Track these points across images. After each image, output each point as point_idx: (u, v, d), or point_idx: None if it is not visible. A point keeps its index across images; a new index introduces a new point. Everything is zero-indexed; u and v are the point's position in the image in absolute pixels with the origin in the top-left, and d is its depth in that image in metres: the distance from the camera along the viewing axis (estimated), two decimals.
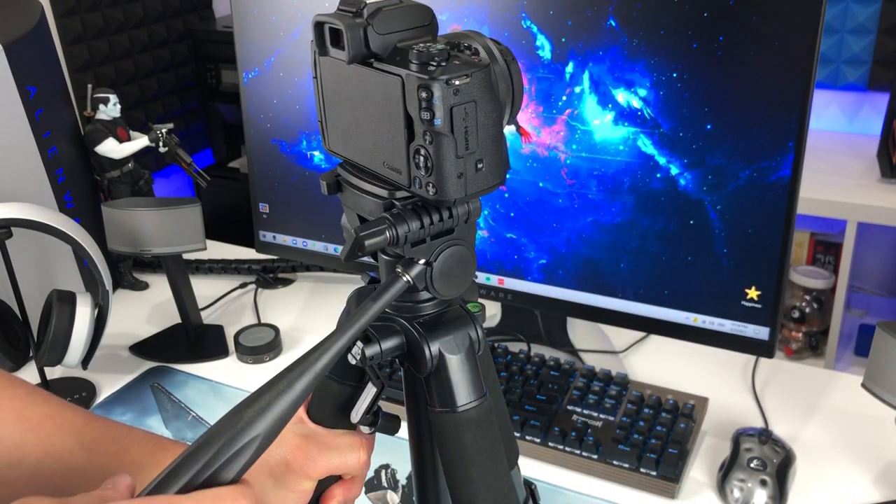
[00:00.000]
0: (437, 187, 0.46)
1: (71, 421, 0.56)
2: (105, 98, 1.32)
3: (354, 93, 0.49)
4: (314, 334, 1.28)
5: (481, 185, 0.47)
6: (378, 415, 0.58)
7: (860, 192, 1.98)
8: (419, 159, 0.46)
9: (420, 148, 0.46)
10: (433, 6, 0.50)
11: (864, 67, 2.26)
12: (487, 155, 0.46)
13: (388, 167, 0.49)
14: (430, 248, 0.50)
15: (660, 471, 0.93)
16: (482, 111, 0.45)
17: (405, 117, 0.46)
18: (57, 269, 1.26)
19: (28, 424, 0.54)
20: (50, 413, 0.56)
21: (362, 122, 0.50)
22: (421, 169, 0.46)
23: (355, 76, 0.48)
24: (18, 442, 0.53)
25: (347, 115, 0.51)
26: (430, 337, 0.52)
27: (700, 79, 0.88)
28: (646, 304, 1.00)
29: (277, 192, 1.20)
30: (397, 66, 0.45)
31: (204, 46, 2.79)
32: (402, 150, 0.47)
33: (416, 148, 0.46)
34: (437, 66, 0.44)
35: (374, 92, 0.47)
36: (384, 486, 0.97)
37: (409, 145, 0.46)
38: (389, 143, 0.48)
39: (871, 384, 0.88)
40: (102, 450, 0.55)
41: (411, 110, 0.45)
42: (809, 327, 2.25)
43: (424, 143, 0.45)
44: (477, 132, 0.45)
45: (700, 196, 0.92)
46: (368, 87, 0.48)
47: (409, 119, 0.46)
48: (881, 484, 0.94)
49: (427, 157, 0.45)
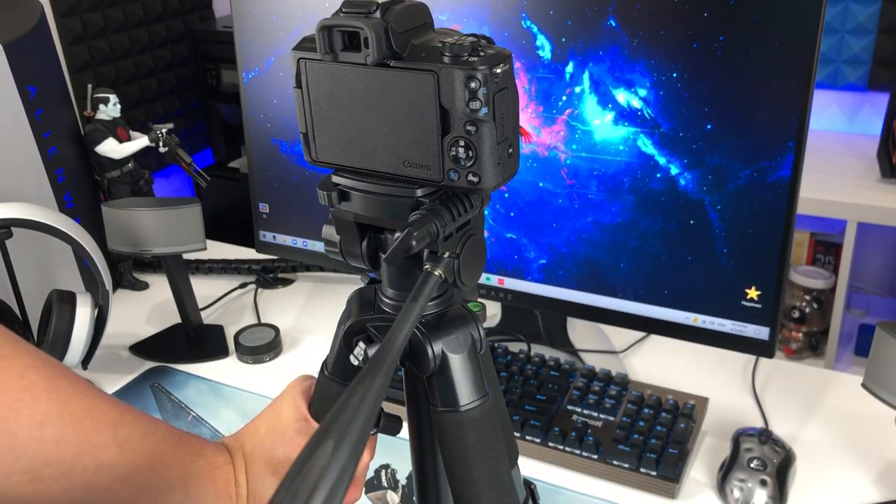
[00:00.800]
0: (479, 175, 0.47)
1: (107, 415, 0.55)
2: (105, 98, 1.32)
3: (364, 96, 0.48)
4: (314, 334, 1.28)
5: (510, 171, 0.49)
6: (380, 415, 0.58)
7: (860, 192, 1.98)
8: (458, 150, 0.46)
9: (459, 139, 0.46)
10: (434, 6, 0.50)
11: (864, 67, 2.26)
12: (514, 140, 0.48)
13: (411, 165, 0.48)
14: (455, 240, 0.50)
15: (660, 471, 0.93)
16: (512, 98, 0.47)
17: (439, 111, 0.46)
18: (57, 269, 1.26)
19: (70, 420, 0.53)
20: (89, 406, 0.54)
21: (374, 126, 0.49)
22: (461, 160, 0.47)
23: (371, 78, 0.47)
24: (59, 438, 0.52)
25: (349, 121, 0.49)
26: (432, 337, 0.52)
27: (700, 79, 0.88)
28: (646, 304, 1.00)
29: (277, 192, 1.20)
30: (423, 62, 0.46)
31: (204, 46, 2.79)
32: (434, 145, 0.47)
33: (452, 140, 0.46)
34: (476, 57, 0.45)
35: (396, 92, 0.47)
36: (384, 486, 0.97)
37: (442, 139, 0.47)
38: (415, 141, 0.48)
39: (871, 384, 0.88)
40: (133, 446, 0.55)
41: (447, 103, 0.46)
42: (809, 327, 2.25)
43: (465, 133, 0.46)
44: (509, 118, 0.47)
45: (700, 196, 0.92)
46: (388, 87, 0.47)
47: (443, 112, 0.46)
48: (881, 484, 0.94)
49: (469, 147, 0.46)
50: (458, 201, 0.50)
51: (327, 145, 0.51)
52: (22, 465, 0.51)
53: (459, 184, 0.47)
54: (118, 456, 0.54)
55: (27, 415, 0.51)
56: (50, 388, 0.53)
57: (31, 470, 0.51)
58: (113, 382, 1.17)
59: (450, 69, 0.45)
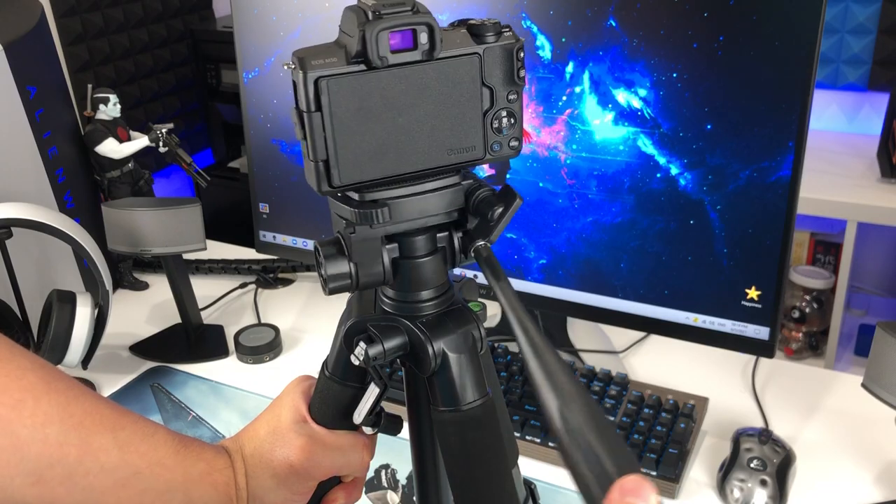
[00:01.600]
0: (519, 139, 0.51)
1: (107, 417, 0.55)
2: (105, 98, 1.32)
3: (404, 97, 0.47)
4: (314, 334, 1.28)
5: None
6: (381, 415, 0.58)
7: (860, 192, 1.98)
8: (501, 122, 0.50)
9: (502, 111, 0.50)
10: (433, 6, 0.50)
11: (864, 67, 2.26)
12: None
13: (456, 151, 0.50)
14: None
15: (660, 471, 0.93)
16: None
17: (482, 90, 0.49)
18: (57, 269, 1.26)
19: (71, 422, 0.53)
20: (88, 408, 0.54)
21: (414, 124, 0.48)
22: (504, 130, 0.50)
23: (410, 77, 0.47)
24: (62, 440, 0.52)
25: (380, 130, 0.47)
26: (433, 336, 0.52)
27: (700, 79, 0.88)
28: (646, 304, 1.00)
29: (277, 192, 1.20)
30: (459, 46, 0.48)
31: (204, 46, 2.79)
32: (478, 123, 0.49)
33: (495, 114, 0.50)
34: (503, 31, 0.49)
35: (440, 82, 0.48)
36: (384, 486, 0.97)
37: (485, 115, 0.49)
38: (457, 126, 0.49)
39: (871, 384, 0.88)
40: (134, 449, 0.55)
41: (491, 80, 0.49)
42: (809, 327, 2.25)
43: (508, 103, 0.50)
44: None
45: (700, 196, 0.92)
46: (431, 79, 0.47)
47: (489, 90, 0.49)
48: (881, 484, 0.94)
49: (511, 115, 0.50)
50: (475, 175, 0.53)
51: (354, 164, 0.48)
52: (26, 467, 0.50)
53: (502, 153, 0.51)
54: (119, 458, 0.54)
55: (29, 416, 0.51)
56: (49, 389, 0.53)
57: (35, 472, 0.51)
58: (113, 382, 1.17)
59: (493, 48, 0.48)
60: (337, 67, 0.45)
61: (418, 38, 0.46)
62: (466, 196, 0.51)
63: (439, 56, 0.47)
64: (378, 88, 0.46)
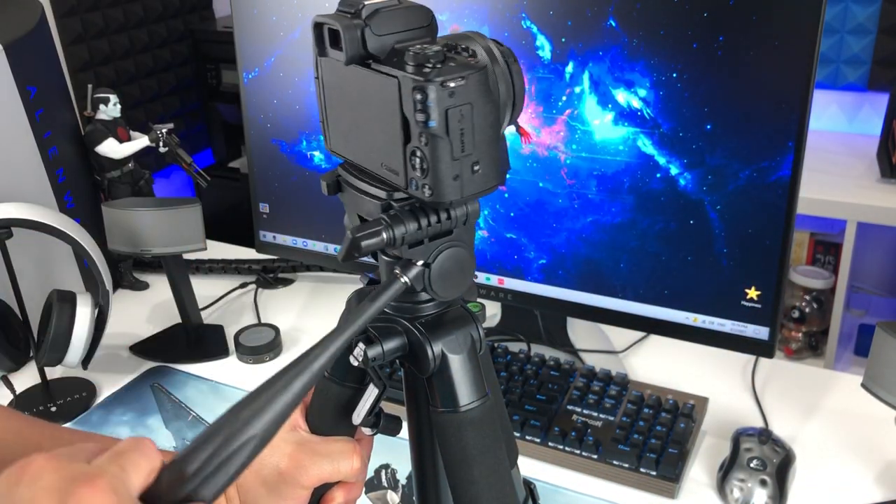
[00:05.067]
0: (433, 189, 0.46)
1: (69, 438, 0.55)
2: (105, 98, 1.32)
3: (353, 93, 0.49)
4: (314, 334, 1.28)
5: (478, 186, 0.47)
6: (380, 416, 0.58)
7: (860, 192, 1.98)
8: (415, 161, 0.46)
9: (416, 150, 0.45)
10: (433, 6, 0.50)
11: (864, 67, 2.26)
12: (485, 157, 0.46)
13: (387, 168, 0.49)
14: (428, 249, 0.50)
15: (660, 471, 0.93)
16: (478, 113, 0.45)
17: (402, 119, 0.45)
18: (57, 269, 1.26)
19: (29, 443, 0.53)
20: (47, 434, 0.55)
21: (361, 123, 0.50)
22: (417, 170, 0.46)
23: (353, 77, 0.48)
24: None
25: (347, 116, 0.51)
26: (432, 337, 0.52)
27: (700, 79, 0.88)
28: (646, 304, 1.00)
29: (277, 192, 1.20)
30: (394, 67, 0.45)
31: (204, 46, 2.79)
32: (399, 151, 0.46)
33: (412, 149, 0.46)
34: (433, 67, 0.44)
35: (372, 93, 0.47)
36: (384, 486, 0.97)
37: (405, 147, 0.46)
38: (387, 145, 0.47)
39: (871, 384, 0.88)
40: None
41: (407, 112, 0.45)
42: (809, 327, 2.25)
43: (420, 144, 0.45)
44: (473, 134, 0.45)
45: (700, 196, 0.92)
46: (366, 88, 0.48)
47: (405, 121, 0.45)
48: (881, 484, 0.94)
49: (423, 159, 0.45)
50: (432, 211, 0.49)
51: (335, 136, 0.53)
52: None
53: (418, 194, 0.47)
54: None
55: None
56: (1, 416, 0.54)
57: None
58: (113, 382, 1.17)
59: (407, 77, 0.44)
60: None
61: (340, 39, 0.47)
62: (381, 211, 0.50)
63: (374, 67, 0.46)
64: (342, 77, 0.49)
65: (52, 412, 1.10)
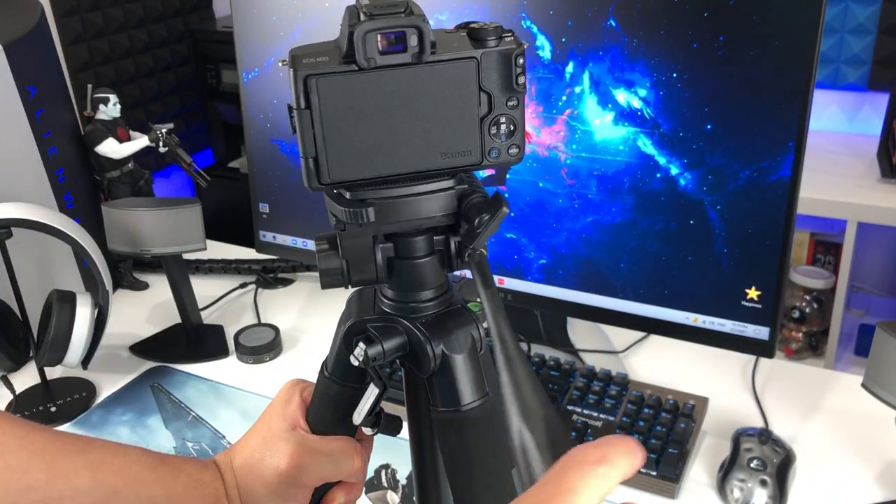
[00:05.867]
0: (520, 146, 0.49)
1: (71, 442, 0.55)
2: (105, 98, 1.32)
3: (397, 98, 0.47)
4: (314, 334, 1.28)
5: None
6: (380, 416, 0.58)
7: (860, 192, 1.98)
8: (499, 128, 0.49)
9: (500, 117, 0.48)
10: (433, 6, 0.50)
11: (864, 67, 2.26)
12: None
13: (450, 154, 0.49)
14: None
15: (660, 471, 0.93)
16: None
17: (480, 95, 0.48)
18: (57, 269, 1.26)
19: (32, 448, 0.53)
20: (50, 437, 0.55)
21: (407, 126, 0.48)
22: (502, 136, 0.49)
23: (403, 79, 0.46)
24: (26, 466, 0.52)
25: (373, 130, 0.47)
26: (432, 337, 0.52)
27: (700, 79, 0.88)
28: (646, 304, 1.00)
29: (277, 192, 1.20)
30: (457, 50, 0.47)
31: (204, 46, 2.79)
32: (475, 128, 0.48)
33: (493, 119, 0.48)
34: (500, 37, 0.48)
35: (435, 85, 0.47)
36: (384, 486, 0.97)
37: (482, 121, 0.48)
38: (452, 130, 0.48)
39: (871, 384, 0.88)
40: (106, 468, 0.55)
41: (490, 86, 0.48)
42: (809, 327, 2.25)
43: (508, 110, 0.48)
44: None
45: (700, 196, 0.92)
46: (425, 82, 0.47)
47: (487, 95, 0.48)
48: (881, 484, 0.94)
49: (511, 122, 0.49)
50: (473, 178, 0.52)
51: (343, 162, 0.48)
52: None
53: (500, 160, 0.49)
54: (92, 478, 0.54)
55: None
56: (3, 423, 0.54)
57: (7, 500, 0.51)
58: (113, 382, 1.17)
59: (491, 52, 0.47)
60: (328, 67, 0.46)
61: (408, 40, 0.46)
62: (459, 200, 0.50)
63: (434, 59, 0.46)
64: (368, 89, 0.46)
65: (51, 412, 1.10)
